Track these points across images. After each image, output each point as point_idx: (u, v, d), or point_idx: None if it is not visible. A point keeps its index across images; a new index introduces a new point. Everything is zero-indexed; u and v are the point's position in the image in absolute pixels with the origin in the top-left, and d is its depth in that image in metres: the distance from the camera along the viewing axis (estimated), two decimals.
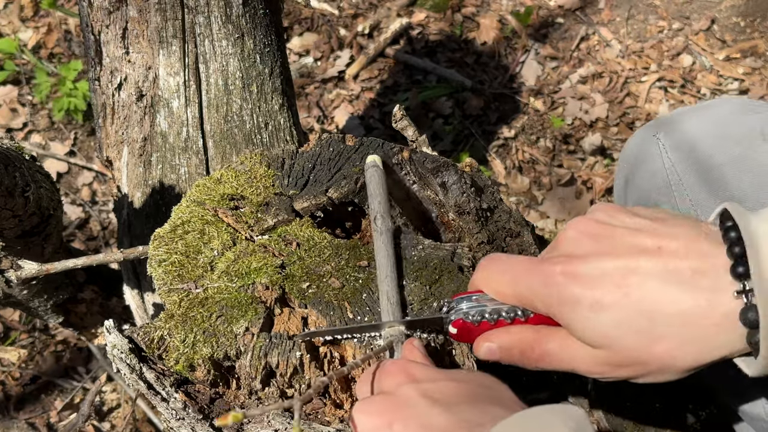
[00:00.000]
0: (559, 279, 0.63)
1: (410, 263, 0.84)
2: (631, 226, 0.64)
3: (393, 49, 2.74)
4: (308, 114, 2.55)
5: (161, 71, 1.24)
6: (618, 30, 2.85)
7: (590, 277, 0.62)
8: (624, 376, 0.64)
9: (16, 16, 2.68)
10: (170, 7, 1.18)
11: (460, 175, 0.91)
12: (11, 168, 1.00)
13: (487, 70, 2.72)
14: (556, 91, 2.65)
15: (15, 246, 1.13)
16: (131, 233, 1.36)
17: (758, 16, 2.83)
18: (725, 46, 2.76)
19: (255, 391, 0.76)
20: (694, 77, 2.68)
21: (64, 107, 2.39)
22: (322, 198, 0.90)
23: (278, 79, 1.30)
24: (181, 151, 1.28)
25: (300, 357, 0.74)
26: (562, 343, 0.66)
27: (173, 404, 0.76)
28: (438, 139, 2.49)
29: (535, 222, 2.27)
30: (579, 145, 2.51)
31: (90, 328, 1.63)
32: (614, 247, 0.63)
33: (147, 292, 1.40)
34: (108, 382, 1.95)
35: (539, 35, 2.83)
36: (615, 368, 0.64)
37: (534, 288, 0.65)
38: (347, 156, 0.95)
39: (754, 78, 2.65)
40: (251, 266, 0.82)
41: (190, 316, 0.78)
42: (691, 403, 1.09)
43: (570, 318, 0.63)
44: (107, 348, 0.77)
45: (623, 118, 2.57)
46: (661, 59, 2.73)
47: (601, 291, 0.61)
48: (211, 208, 0.90)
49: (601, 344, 0.63)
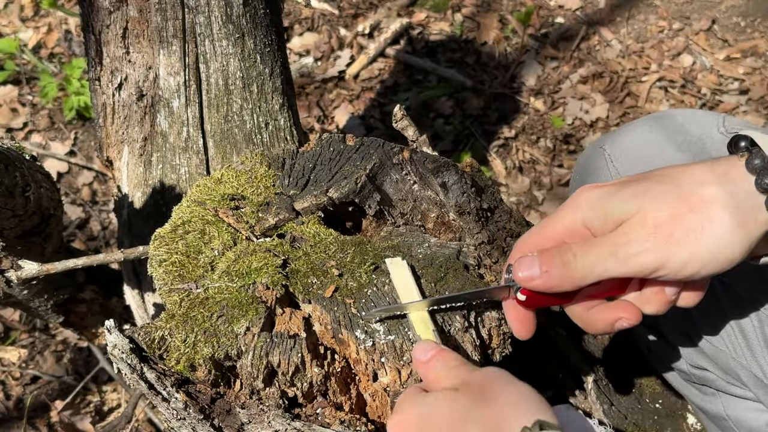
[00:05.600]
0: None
1: (416, 261, 0.84)
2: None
3: (393, 49, 2.74)
4: (308, 114, 2.55)
5: (161, 71, 1.24)
6: (618, 30, 2.85)
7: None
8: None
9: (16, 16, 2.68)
10: (170, 6, 1.18)
11: (461, 175, 0.91)
12: (11, 168, 1.00)
13: (488, 69, 2.72)
14: (557, 91, 2.65)
15: (15, 246, 1.13)
16: (131, 233, 1.36)
17: (759, 16, 2.83)
18: (726, 45, 2.76)
19: (257, 391, 0.76)
20: (695, 77, 2.68)
21: (74, 106, 2.39)
22: (322, 198, 0.90)
23: (278, 79, 1.30)
24: (182, 150, 1.28)
25: (301, 356, 0.74)
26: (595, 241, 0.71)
27: (174, 404, 0.76)
28: (438, 139, 2.49)
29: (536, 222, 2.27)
30: (579, 145, 2.51)
31: (90, 328, 1.63)
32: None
33: (147, 292, 1.40)
34: (108, 383, 1.95)
35: (539, 35, 2.83)
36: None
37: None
38: (348, 156, 0.95)
39: (755, 78, 2.65)
40: (252, 266, 0.82)
41: (190, 316, 0.78)
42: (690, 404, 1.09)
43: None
44: (108, 348, 0.77)
45: (624, 118, 2.57)
46: (661, 59, 2.73)
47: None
48: (211, 208, 0.90)
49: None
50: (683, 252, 0.67)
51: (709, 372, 0.94)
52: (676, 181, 0.69)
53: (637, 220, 0.68)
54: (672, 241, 0.67)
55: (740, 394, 0.92)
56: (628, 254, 0.68)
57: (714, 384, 0.94)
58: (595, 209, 0.72)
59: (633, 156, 1.04)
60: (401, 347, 0.76)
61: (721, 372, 0.92)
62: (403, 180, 0.93)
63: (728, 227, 0.66)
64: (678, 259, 0.67)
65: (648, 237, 0.67)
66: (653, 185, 0.70)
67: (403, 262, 0.83)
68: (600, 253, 0.69)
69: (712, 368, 0.93)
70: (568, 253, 0.71)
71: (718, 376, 0.93)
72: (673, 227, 0.67)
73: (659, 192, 0.69)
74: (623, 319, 0.73)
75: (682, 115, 1.07)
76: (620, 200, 0.70)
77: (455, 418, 0.63)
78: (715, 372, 0.93)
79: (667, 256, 0.67)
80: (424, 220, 0.93)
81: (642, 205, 0.68)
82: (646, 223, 0.68)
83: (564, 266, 0.71)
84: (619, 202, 0.70)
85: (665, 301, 0.74)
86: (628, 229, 0.68)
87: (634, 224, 0.68)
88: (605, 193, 0.72)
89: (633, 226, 0.68)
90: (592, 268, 0.70)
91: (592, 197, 0.73)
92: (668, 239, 0.67)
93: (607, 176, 1.05)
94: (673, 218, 0.67)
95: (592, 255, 0.70)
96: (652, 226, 0.67)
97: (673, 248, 0.67)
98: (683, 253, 0.67)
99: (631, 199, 0.69)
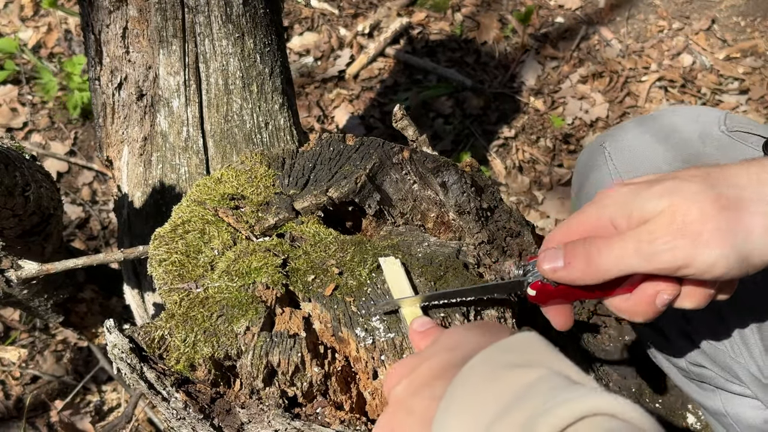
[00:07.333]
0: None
1: (416, 260, 0.84)
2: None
3: (393, 48, 2.74)
4: (308, 113, 2.55)
5: (161, 71, 1.24)
6: (618, 29, 2.85)
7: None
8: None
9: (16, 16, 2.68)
10: (170, 6, 1.18)
11: (461, 175, 0.91)
12: (11, 168, 1.00)
13: (488, 69, 2.72)
14: (557, 91, 2.65)
15: (15, 246, 1.13)
16: (131, 233, 1.36)
17: (758, 16, 2.83)
18: (725, 45, 2.76)
19: (256, 390, 0.76)
20: (695, 77, 2.68)
21: (78, 103, 2.38)
22: (322, 197, 0.90)
23: (278, 79, 1.30)
24: (182, 150, 1.28)
25: (301, 355, 0.74)
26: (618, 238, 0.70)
27: (174, 404, 0.76)
28: (438, 139, 2.49)
29: (536, 221, 2.27)
30: (579, 144, 2.51)
31: (90, 327, 1.63)
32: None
33: (147, 291, 1.40)
34: (108, 382, 1.95)
35: (539, 35, 2.83)
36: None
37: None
38: (347, 155, 0.95)
39: (755, 78, 2.65)
40: (252, 266, 0.82)
41: (190, 316, 0.78)
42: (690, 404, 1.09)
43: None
44: (108, 348, 0.77)
45: (623, 117, 2.57)
46: (661, 59, 2.73)
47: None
48: (211, 207, 0.90)
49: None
50: (711, 252, 0.66)
51: (708, 370, 0.94)
52: (707, 181, 0.68)
53: (665, 218, 0.67)
54: (700, 240, 0.66)
55: (739, 392, 0.92)
56: (653, 251, 0.68)
57: (713, 381, 0.95)
58: (621, 206, 0.71)
59: (632, 154, 1.04)
60: (401, 345, 0.76)
61: (720, 370, 0.92)
62: (402, 180, 0.93)
63: (759, 230, 0.66)
64: (704, 259, 0.66)
65: (675, 235, 0.67)
66: (683, 184, 0.69)
67: (396, 260, 0.83)
68: (623, 249, 0.69)
69: (711, 366, 0.93)
70: (592, 247, 0.71)
71: (717, 373, 0.93)
72: (702, 227, 0.66)
73: (689, 191, 0.68)
74: (662, 291, 0.72)
75: (682, 113, 1.07)
76: (647, 197, 0.69)
77: (447, 358, 0.64)
78: (714, 370, 0.93)
79: (694, 256, 0.66)
80: (423, 219, 0.93)
81: (670, 202, 0.68)
82: (674, 221, 0.67)
83: (587, 259, 0.71)
84: (646, 199, 0.69)
85: (706, 295, 0.73)
86: (654, 227, 0.68)
87: (661, 222, 0.68)
88: (632, 190, 0.71)
89: (659, 224, 0.68)
90: (616, 263, 0.70)
91: (619, 194, 0.72)
92: (696, 238, 0.66)
93: (606, 173, 1.05)
94: (702, 218, 0.66)
95: (616, 250, 0.69)
96: (680, 224, 0.67)
97: (701, 248, 0.66)
98: (711, 253, 0.66)
99: (658, 197, 0.69)
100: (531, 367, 0.55)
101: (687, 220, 0.67)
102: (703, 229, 0.66)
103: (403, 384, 0.64)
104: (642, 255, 0.68)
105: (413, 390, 0.63)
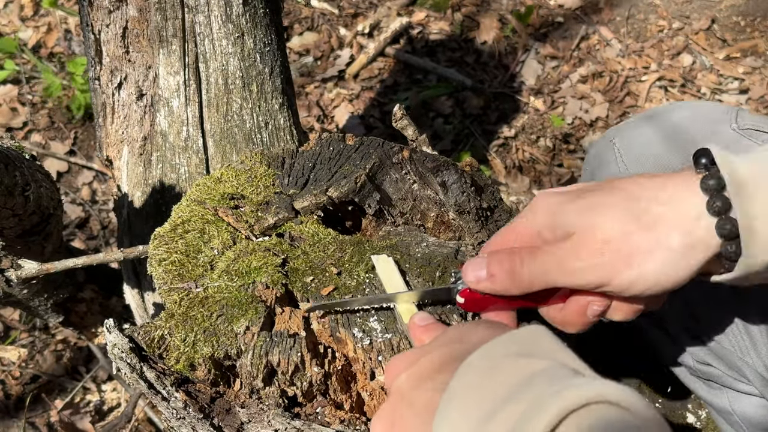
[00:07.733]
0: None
1: (414, 260, 0.84)
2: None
3: (393, 48, 2.74)
4: (308, 113, 2.55)
5: (161, 70, 1.24)
6: (618, 29, 2.85)
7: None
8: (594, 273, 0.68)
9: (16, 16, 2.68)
10: (170, 6, 1.18)
11: (461, 175, 0.91)
12: (11, 167, 1.00)
13: (487, 69, 2.72)
14: (556, 91, 2.65)
15: (15, 245, 1.13)
16: (131, 232, 1.36)
17: (758, 16, 2.83)
18: (725, 45, 2.76)
19: (256, 390, 0.76)
20: (695, 76, 2.68)
21: (82, 104, 2.38)
22: (322, 197, 0.90)
23: (278, 79, 1.30)
24: (181, 150, 1.28)
25: (301, 355, 0.74)
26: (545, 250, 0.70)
27: (174, 403, 0.76)
28: (438, 139, 2.49)
29: None
30: (579, 144, 2.51)
31: (90, 327, 1.63)
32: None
33: (147, 291, 1.40)
34: (108, 382, 1.95)
35: (539, 34, 2.83)
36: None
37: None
38: (347, 155, 0.95)
39: (754, 77, 2.65)
40: (251, 265, 0.82)
41: (190, 316, 0.78)
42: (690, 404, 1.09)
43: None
44: (107, 347, 0.77)
45: (623, 117, 2.57)
46: (661, 58, 2.73)
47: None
48: (211, 207, 0.90)
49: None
50: (630, 272, 0.66)
51: (715, 368, 0.94)
52: (631, 196, 0.68)
53: (586, 236, 0.67)
54: (619, 259, 0.66)
55: (746, 391, 0.92)
56: (574, 269, 0.67)
57: (720, 380, 0.94)
58: (548, 217, 0.71)
59: (640, 152, 1.02)
60: (398, 346, 0.76)
61: (727, 369, 0.92)
62: (402, 179, 0.93)
63: (677, 249, 0.65)
64: (624, 278, 0.66)
65: (595, 253, 0.66)
66: (606, 199, 0.68)
67: (389, 258, 0.83)
68: (546, 263, 0.69)
69: (718, 365, 0.93)
70: (516, 259, 0.70)
71: (724, 372, 0.93)
72: (621, 245, 0.66)
73: (612, 207, 0.68)
74: (592, 303, 0.72)
75: (692, 109, 1.05)
76: (571, 212, 0.69)
77: (447, 352, 0.64)
78: (721, 368, 0.93)
79: (613, 274, 0.66)
80: (423, 219, 0.93)
81: (593, 219, 0.67)
82: (595, 239, 0.67)
83: (510, 271, 0.70)
84: (570, 213, 0.69)
85: (633, 309, 0.72)
86: (575, 244, 0.68)
87: (582, 239, 0.67)
88: (560, 202, 0.71)
89: (580, 241, 0.67)
90: (539, 276, 0.69)
91: (548, 204, 0.72)
92: (615, 257, 0.66)
93: (615, 171, 1.03)
94: (622, 236, 0.66)
95: (539, 264, 0.69)
96: (600, 242, 0.66)
97: (620, 267, 0.66)
98: (630, 272, 0.66)
99: (582, 212, 0.68)
100: (536, 357, 0.55)
101: (607, 237, 0.66)
102: (622, 247, 0.66)
103: (404, 376, 0.64)
104: (564, 271, 0.68)
105: (414, 382, 0.63)
